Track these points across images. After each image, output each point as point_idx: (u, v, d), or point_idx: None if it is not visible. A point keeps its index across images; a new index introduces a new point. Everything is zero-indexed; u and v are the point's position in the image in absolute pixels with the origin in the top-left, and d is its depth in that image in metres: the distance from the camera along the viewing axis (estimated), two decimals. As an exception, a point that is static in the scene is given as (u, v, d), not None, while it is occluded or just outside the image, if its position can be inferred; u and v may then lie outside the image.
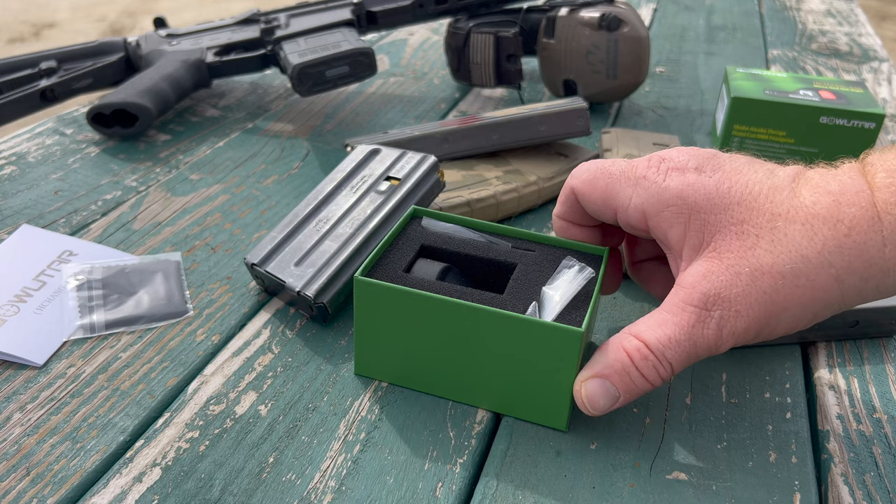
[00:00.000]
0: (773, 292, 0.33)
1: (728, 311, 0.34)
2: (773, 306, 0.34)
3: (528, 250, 0.43)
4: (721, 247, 0.35)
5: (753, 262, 0.34)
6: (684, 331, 0.34)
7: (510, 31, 0.76)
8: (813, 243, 0.33)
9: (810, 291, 0.33)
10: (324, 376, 0.43)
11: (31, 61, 0.74)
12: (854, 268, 0.33)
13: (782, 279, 0.33)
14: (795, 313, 0.34)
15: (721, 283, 0.34)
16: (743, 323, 0.34)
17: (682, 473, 0.37)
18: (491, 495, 0.36)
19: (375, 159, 0.53)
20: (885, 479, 0.38)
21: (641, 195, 0.37)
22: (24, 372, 0.42)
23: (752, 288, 0.33)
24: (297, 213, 0.50)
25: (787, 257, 0.33)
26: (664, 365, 0.35)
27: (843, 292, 0.34)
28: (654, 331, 0.35)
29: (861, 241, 0.33)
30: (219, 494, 0.35)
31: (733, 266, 0.34)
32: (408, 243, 0.43)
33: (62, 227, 0.56)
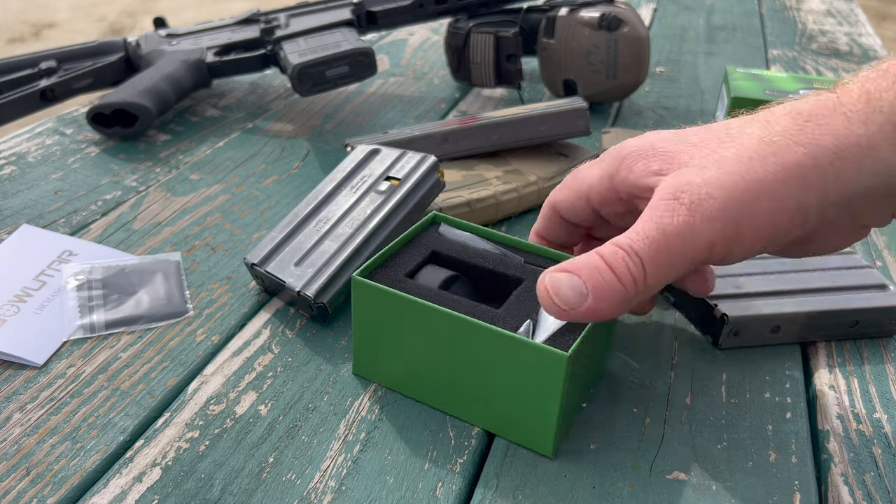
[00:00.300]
0: (743, 172, 0.32)
1: (698, 194, 0.32)
2: (745, 188, 0.32)
3: (540, 266, 0.41)
4: (682, 160, 0.34)
5: (718, 157, 0.33)
6: (653, 222, 0.32)
7: (510, 31, 0.76)
8: (773, 129, 0.33)
9: (782, 169, 0.32)
10: (324, 376, 0.43)
11: (31, 61, 0.74)
12: (823, 143, 0.31)
13: (749, 161, 0.32)
14: (773, 195, 0.32)
15: (689, 175, 0.33)
16: (716, 204, 0.32)
17: (682, 473, 0.37)
18: (491, 495, 0.36)
19: (375, 159, 0.53)
20: (885, 479, 0.38)
21: (603, 164, 0.39)
22: (24, 372, 0.42)
23: (720, 172, 0.32)
24: (297, 213, 0.50)
25: (749, 144, 0.33)
26: (633, 259, 0.32)
27: (822, 170, 0.32)
28: (628, 234, 0.33)
29: (823, 123, 0.32)
30: (219, 494, 0.35)
31: (699, 163, 0.33)
32: (419, 248, 0.43)
33: (62, 227, 0.56)
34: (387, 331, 0.40)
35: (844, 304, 0.46)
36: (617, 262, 0.33)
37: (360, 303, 0.40)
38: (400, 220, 0.49)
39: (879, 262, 0.56)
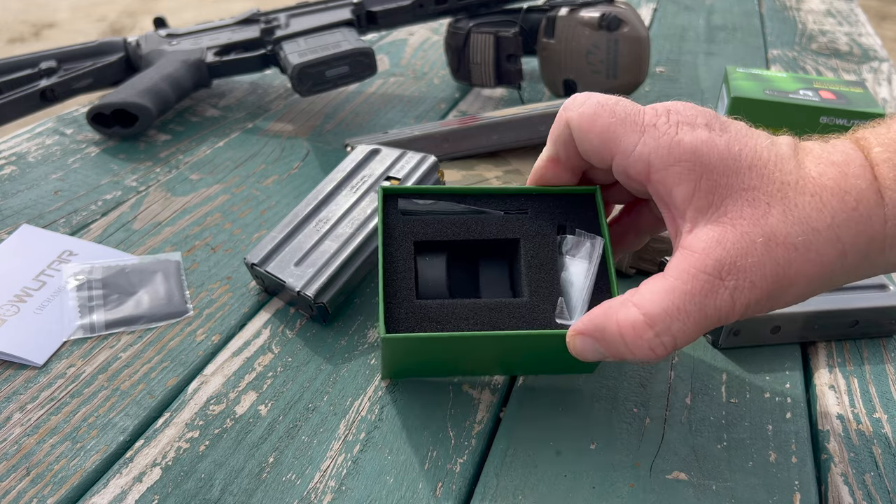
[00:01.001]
0: (786, 264, 0.32)
1: (743, 282, 0.32)
2: (784, 279, 0.32)
3: (522, 212, 0.40)
4: (732, 212, 0.33)
5: (767, 230, 0.32)
6: (695, 300, 0.32)
7: (510, 31, 0.76)
8: (822, 215, 0.32)
9: (818, 266, 0.32)
10: (324, 376, 0.43)
11: (31, 61, 0.74)
12: (858, 243, 0.32)
13: (795, 251, 0.32)
14: (801, 287, 0.33)
15: (736, 251, 0.32)
16: (756, 294, 0.32)
17: (682, 473, 0.37)
18: (491, 495, 0.36)
19: (375, 159, 0.53)
20: (885, 479, 0.38)
21: (649, 144, 0.34)
22: (24, 372, 0.42)
23: (766, 258, 0.32)
24: (297, 213, 0.50)
25: (799, 228, 0.32)
26: (664, 341, 0.33)
27: (845, 267, 0.33)
28: (660, 300, 0.32)
29: (867, 216, 0.32)
30: (219, 494, 0.35)
31: (747, 234, 0.32)
32: (401, 245, 0.39)
33: (62, 227, 0.56)
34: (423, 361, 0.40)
35: (844, 304, 0.46)
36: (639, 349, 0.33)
37: (394, 353, 0.38)
38: None
39: (879, 262, 0.56)
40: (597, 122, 0.35)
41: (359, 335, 0.46)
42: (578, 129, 0.36)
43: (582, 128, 0.36)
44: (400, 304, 0.37)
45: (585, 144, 0.36)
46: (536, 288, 0.38)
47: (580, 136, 0.36)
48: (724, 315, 0.32)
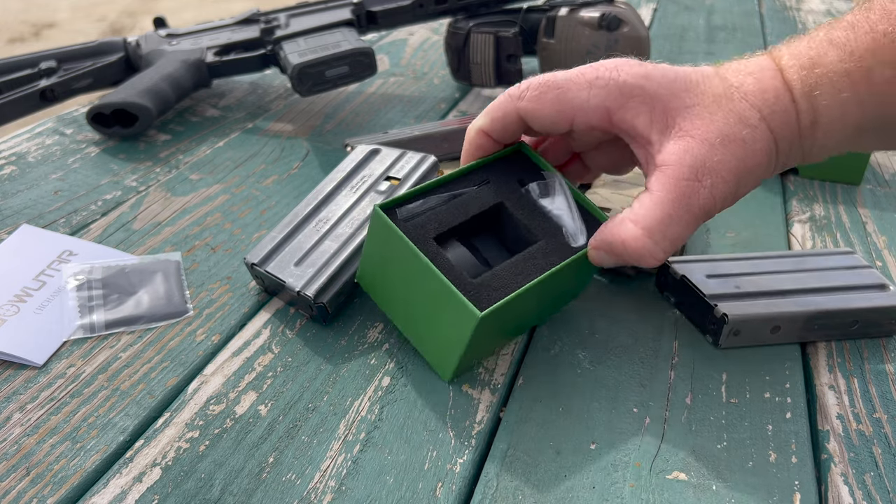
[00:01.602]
0: (743, 157, 0.37)
1: (717, 178, 0.37)
2: (744, 169, 0.38)
3: (485, 182, 0.44)
4: (686, 126, 0.38)
5: (720, 132, 0.37)
6: (681, 204, 0.37)
7: (510, 31, 0.76)
8: (753, 112, 0.38)
9: (764, 155, 0.38)
10: (324, 376, 0.43)
11: (31, 61, 0.74)
12: (784, 132, 0.38)
13: (744, 144, 0.37)
14: (754, 175, 0.38)
15: (703, 154, 0.37)
16: (728, 187, 0.38)
17: (682, 473, 0.37)
18: (491, 495, 0.36)
19: (375, 159, 0.53)
20: (885, 479, 0.38)
21: (600, 94, 0.39)
22: (24, 372, 0.42)
23: (727, 155, 0.37)
24: (297, 213, 0.50)
25: (741, 126, 0.38)
26: (663, 246, 0.38)
27: (778, 154, 0.39)
28: (652, 212, 0.38)
29: (784, 108, 0.38)
30: (219, 494, 0.35)
31: (706, 139, 0.37)
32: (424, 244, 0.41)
33: (62, 227, 0.56)
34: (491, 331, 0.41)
35: (844, 304, 0.46)
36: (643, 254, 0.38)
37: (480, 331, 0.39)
38: None
39: (879, 262, 0.56)
40: (545, 99, 0.40)
41: (359, 335, 0.46)
42: (532, 112, 0.41)
43: (535, 110, 0.41)
44: (466, 289, 0.40)
45: (544, 122, 0.41)
46: (542, 231, 0.43)
47: (536, 118, 0.41)
48: (708, 209, 0.38)
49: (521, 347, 0.46)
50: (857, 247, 0.57)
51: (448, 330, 0.40)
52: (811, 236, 0.59)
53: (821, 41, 0.38)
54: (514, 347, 0.45)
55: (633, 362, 0.45)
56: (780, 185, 0.67)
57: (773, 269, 0.49)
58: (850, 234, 0.59)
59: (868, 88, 0.37)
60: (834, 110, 0.38)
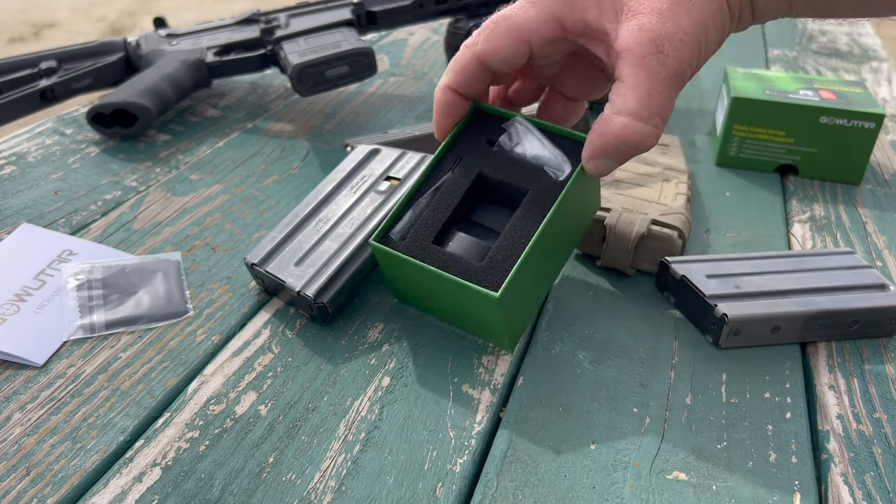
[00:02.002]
0: (696, 14, 0.38)
1: (676, 41, 0.38)
2: (699, 27, 0.38)
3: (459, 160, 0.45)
4: (633, 4, 0.38)
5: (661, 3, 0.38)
6: (655, 78, 0.38)
7: (510, 31, 0.76)
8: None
9: (710, 9, 0.38)
10: (324, 376, 0.43)
11: (31, 61, 0.74)
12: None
13: (691, 4, 0.38)
14: (712, 31, 0.39)
15: (655, 25, 0.37)
16: (690, 45, 0.38)
17: (682, 473, 0.37)
18: (491, 495, 0.36)
19: (375, 159, 0.53)
20: (885, 479, 0.38)
21: (547, 7, 0.40)
22: (24, 372, 0.42)
23: (679, 17, 0.38)
24: (297, 212, 0.50)
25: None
26: (654, 123, 0.38)
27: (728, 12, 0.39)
28: (632, 97, 0.38)
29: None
30: (219, 494, 0.35)
31: (653, 9, 0.38)
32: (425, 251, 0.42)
33: (62, 226, 0.56)
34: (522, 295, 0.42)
35: (844, 304, 0.46)
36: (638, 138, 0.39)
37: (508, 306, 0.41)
38: None
39: (879, 262, 0.56)
40: (498, 35, 0.41)
41: (359, 335, 0.46)
42: (491, 53, 0.41)
43: (494, 49, 0.41)
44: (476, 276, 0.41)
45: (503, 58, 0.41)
46: (527, 181, 0.43)
47: (496, 56, 0.41)
48: (679, 74, 0.38)
49: (521, 347, 0.46)
50: (857, 247, 0.57)
51: (484, 314, 0.41)
52: (811, 236, 0.59)
53: None
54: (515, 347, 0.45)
55: (633, 362, 0.45)
56: (780, 185, 0.67)
57: (773, 269, 0.49)
58: (850, 234, 0.59)
59: None
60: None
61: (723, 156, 0.69)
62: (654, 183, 0.57)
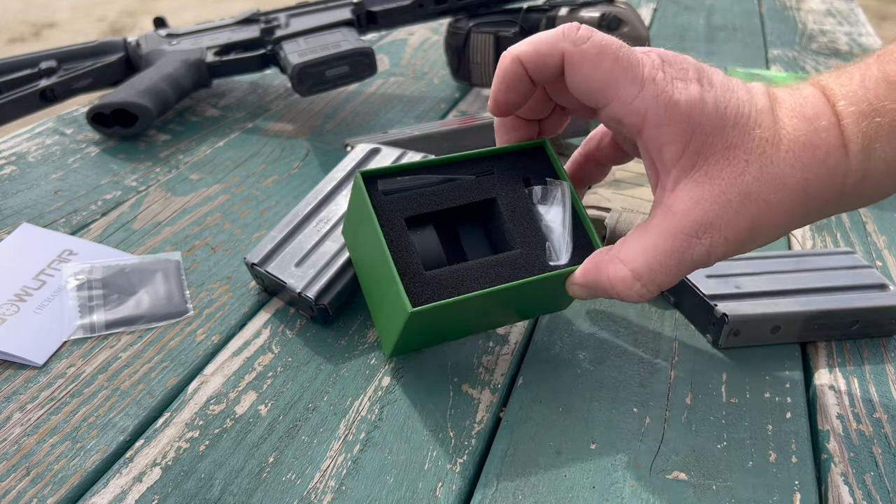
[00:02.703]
0: (757, 218, 0.35)
1: (717, 238, 0.35)
2: (754, 231, 0.35)
3: (489, 173, 0.42)
4: (713, 171, 0.35)
5: (743, 189, 0.35)
6: (675, 257, 0.36)
7: (510, 31, 0.76)
8: (794, 170, 0.34)
9: (786, 216, 0.35)
10: (324, 376, 0.43)
11: (31, 61, 0.74)
12: (822, 194, 0.35)
13: (767, 206, 0.35)
14: (768, 236, 0.36)
15: (713, 210, 0.35)
16: (729, 247, 0.36)
17: (682, 473, 0.37)
18: (491, 495, 0.36)
19: (376, 158, 0.53)
20: (885, 479, 0.38)
21: (648, 100, 0.35)
22: (24, 372, 0.42)
23: (740, 216, 0.35)
24: (297, 212, 0.50)
25: (773, 185, 0.35)
26: (643, 291, 0.37)
27: (807, 212, 0.36)
28: (644, 257, 0.36)
29: (833, 168, 0.34)
30: (219, 494, 0.35)
31: (724, 193, 0.35)
32: (392, 223, 0.40)
33: (62, 226, 0.56)
34: (434, 327, 0.41)
35: (844, 304, 0.46)
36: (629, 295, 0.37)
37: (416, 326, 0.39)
38: None
39: (879, 262, 0.56)
40: (601, 64, 0.35)
41: (359, 335, 0.46)
42: (577, 67, 0.36)
43: (583, 66, 0.36)
44: (413, 279, 0.39)
45: (582, 83, 0.36)
46: (523, 239, 0.41)
47: (577, 72, 0.36)
48: (700, 264, 0.36)
49: (521, 347, 0.46)
50: (857, 247, 0.57)
51: (390, 312, 0.40)
52: (811, 236, 0.59)
53: (877, 80, 0.34)
54: (515, 347, 0.45)
55: (633, 362, 0.45)
56: (780, 185, 0.67)
57: (773, 269, 0.49)
58: (850, 234, 0.59)
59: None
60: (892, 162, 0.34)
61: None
62: (654, 183, 0.57)
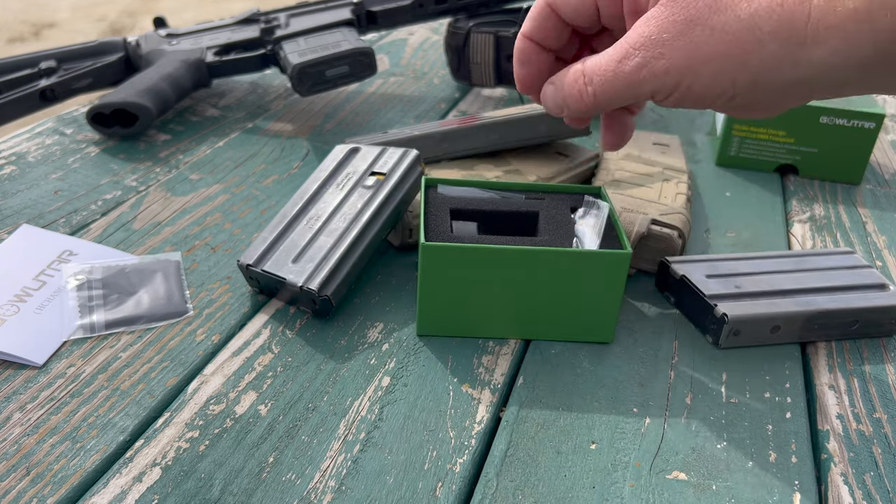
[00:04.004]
0: (700, 42, 0.36)
1: (653, 53, 0.36)
2: (696, 56, 0.36)
3: (539, 198, 0.48)
4: None
5: (693, 12, 0.36)
6: (612, 62, 0.38)
7: (510, 30, 0.76)
8: (747, 4, 0.35)
9: (733, 47, 0.35)
10: (324, 376, 0.43)
11: (30, 61, 0.74)
12: (777, 34, 0.35)
13: (711, 32, 0.35)
14: (715, 68, 0.36)
15: (656, 26, 0.36)
16: (663, 65, 0.36)
17: (682, 473, 0.37)
18: (491, 495, 0.36)
19: (357, 157, 0.54)
20: (885, 479, 0.38)
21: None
22: (24, 372, 0.42)
23: (681, 36, 0.36)
24: (285, 213, 0.50)
25: (723, 15, 0.35)
26: (588, 89, 0.39)
27: (763, 57, 0.35)
28: (596, 60, 0.39)
29: (790, 11, 0.34)
30: (219, 494, 0.35)
31: (675, 13, 0.36)
32: (438, 211, 0.46)
33: (62, 227, 0.56)
34: (455, 284, 0.43)
35: (844, 304, 0.46)
36: (577, 87, 0.40)
37: (429, 266, 0.43)
38: (391, 211, 0.50)
39: (879, 262, 0.56)
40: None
41: (359, 335, 0.46)
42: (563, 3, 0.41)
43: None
44: (438, 235, 0.44)
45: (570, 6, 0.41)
46: (553, 234, 0.45)
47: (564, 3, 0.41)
48: (629, 79, 0.37)
49: (521, 347, 0.46)
50: (857, 247, 0.57)
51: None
52: (811, 236, 0.59)
53: None
54: (515, 347, 0.45)
55: (633, 362, 0.45)
56: (780, 185, 0.67)
57: (773, 269, 0.49)
58: (850, 234, 0.59)
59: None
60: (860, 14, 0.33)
61: (723, 156, 0.69)
62: (654, 183, 0.57)
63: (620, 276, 0.43)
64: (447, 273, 0.43)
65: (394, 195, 0.50)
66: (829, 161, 0.66)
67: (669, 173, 0.58)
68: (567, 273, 0.43)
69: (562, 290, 0.44)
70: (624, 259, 0.42)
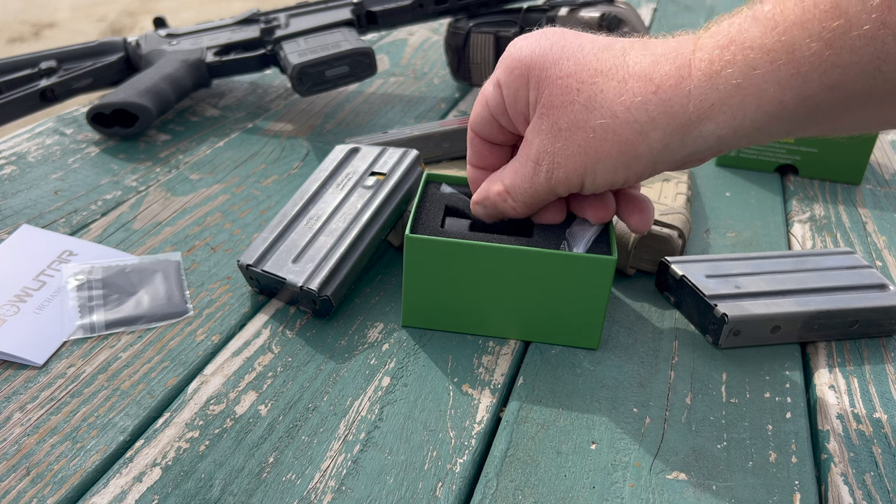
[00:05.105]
0: (585, 145, 0.38)
1: (552, 164, 0.39)
2: (587, 158, 0.38)
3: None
4: (548, 102, 0.39)
5: (571, 117, 0.38)
6: (526, 180, 0.41)
7: (510, 30, 0.76)
8: (622, 100, 0.36)
9: (617, 145, 0.37)
10: (324, 376, 0.43)
11: (31, 61, 0.74)
12: (658, 122, 0.35)
13: (593, 133, 0.37)
14: (608, 165, 0.38)
15: (546, 139, 0.39)
16: (565, 172, 0.39)
17: (682, 473, 0.37)
18: (491, 495, 0.36)
19: (356, 157, 0.54)
20: (885, 479, 0.38)
21: (499, 67, 0.41)
22: (24, 372, 0.42)
23: (569, 143, 0.38)
24: (285, 213, 0.50)
25: (599, 113, 0.37)
26: (514, 204, 0.42)
27: (650, 145, 0.36)
28: (510, 178, 0.42)
29: (666, 98, 0.35)
30: (219, 494, 0.35)
31: (556, 122, 0.38)
32: (432, 207, 0.47)
33: (62, 227, 0.56)
34: (439, 277, 0.44)
35: (844, 304, 0.46)
36: (504, 206, 0.43)
37: (414, 257, 0.43)
38: (391, 211, 0.50)
39: (879, 262, 0.56)
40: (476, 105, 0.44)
41: (359, 335, 0.46)
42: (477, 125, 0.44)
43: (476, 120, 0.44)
44: (427, 230, 0.44)
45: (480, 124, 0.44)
46: (546, 236, 0.44)
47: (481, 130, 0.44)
48: (544, 189, 0.41)
49: (520, 347, 0.46)
50: (857, 247, 0.57)
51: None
52: (811, 236, 0.59)
53: (744, 17, 0.33)
54: (515, 347, 0.45)
55: (633, 362, 0.45)
56: (780, 185, 0.67)
57: (773, 269, 0.49)
58: (850, 234, 0.59)
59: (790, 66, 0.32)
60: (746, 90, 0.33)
61: (723, 156, 0.69)
62: (654, 183, 0.57)
63: (605, 282, 0.42)
64: (430, 266, 0.43)
65: (394, 195, 0.50)
66: (830, 161, 0.66)
67: (669, 173, 0.58)
68: (551, 275, 0.43)
69: (546, 293, 0.43)
70: (608, 265, 0.42)
